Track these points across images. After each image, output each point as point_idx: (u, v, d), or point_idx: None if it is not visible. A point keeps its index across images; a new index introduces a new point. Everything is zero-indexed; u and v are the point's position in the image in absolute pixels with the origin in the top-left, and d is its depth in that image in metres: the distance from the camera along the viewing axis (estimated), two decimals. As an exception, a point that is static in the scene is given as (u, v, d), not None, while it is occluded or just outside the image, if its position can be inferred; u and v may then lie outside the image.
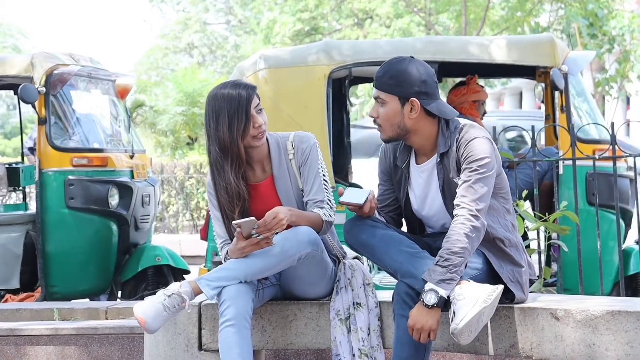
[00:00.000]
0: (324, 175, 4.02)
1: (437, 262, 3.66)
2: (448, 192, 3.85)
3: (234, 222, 3.76)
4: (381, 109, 3.84)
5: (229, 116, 3.87)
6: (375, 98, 3.87)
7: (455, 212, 3.74)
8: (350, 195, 3.85)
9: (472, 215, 3.69)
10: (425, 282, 3.65)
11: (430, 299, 3.62)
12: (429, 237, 3.98)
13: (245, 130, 3.87)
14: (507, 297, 3.83)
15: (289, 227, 3.83)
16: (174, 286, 3.79)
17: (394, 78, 3.80)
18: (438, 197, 3.90)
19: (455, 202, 3.76)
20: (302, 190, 4.01)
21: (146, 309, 3.75)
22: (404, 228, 4.10)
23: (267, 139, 4.02)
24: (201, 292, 3.79)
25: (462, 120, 3.90)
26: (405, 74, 3.80)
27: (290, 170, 4.02)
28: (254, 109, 3.89)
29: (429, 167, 3.91)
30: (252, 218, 3.73)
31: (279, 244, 3.80)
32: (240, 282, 3.80)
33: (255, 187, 4.01)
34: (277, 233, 3.79)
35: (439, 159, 3.85)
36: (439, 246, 3.74)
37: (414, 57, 3.90)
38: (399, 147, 3.99)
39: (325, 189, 4.00)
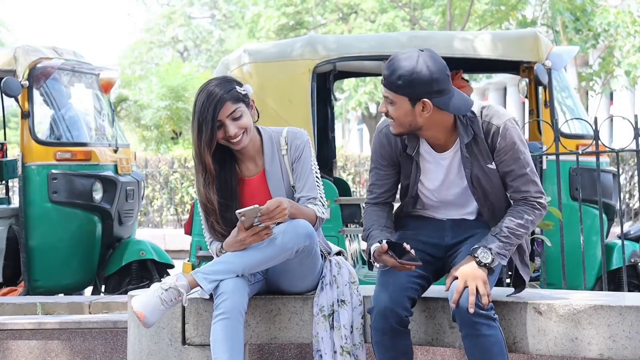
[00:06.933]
0: (316, 172, 3.99)
1: (497, 233, 3.64)
2: (478, 181, 3.72)
3: (237, 211, 3.68)
4: (391, 107, 3.65)
5: (198, 124, 3.79)
6: (385, 96, 3.67)
7: (517, 201, 3.71)
8: (397, 251, 3.62)
9: (541, 205, 3.70)
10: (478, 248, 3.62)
11: (485, 257, 3.58)
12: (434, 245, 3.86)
13: (211, 141, 3.79)
14: (519, 285, 3.86)
15: None
16: (170, 280, 3.73)
17: (402, 78, 3.55)
18: (460, 184, 3.77)
19: (515, 196, 3.70)
20: (293, 187, 3.97)
21: (144, 302, 3.69)
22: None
23: (260, 134, 3.98)
24: (197, 285, 3.73)
25: (477, 102, 3.75)
26: (415, 74, 3.53)
27: (283, 165, 3.97)
28: (226, 118, 3.79)
29: (451, 154, 3.75)
30: (256, 205, 3.65)
31: (278, 236, 3.74)
32: (237, 275, 3.75)
33: (247, 181, 3.97)
34: (278, 224, 3.74)
35: (464, 150, 3.69)
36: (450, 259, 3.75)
37: (424, 49, 3.64)
38: (406, 136, 3.78)
39: (318, 185, 3.96)
